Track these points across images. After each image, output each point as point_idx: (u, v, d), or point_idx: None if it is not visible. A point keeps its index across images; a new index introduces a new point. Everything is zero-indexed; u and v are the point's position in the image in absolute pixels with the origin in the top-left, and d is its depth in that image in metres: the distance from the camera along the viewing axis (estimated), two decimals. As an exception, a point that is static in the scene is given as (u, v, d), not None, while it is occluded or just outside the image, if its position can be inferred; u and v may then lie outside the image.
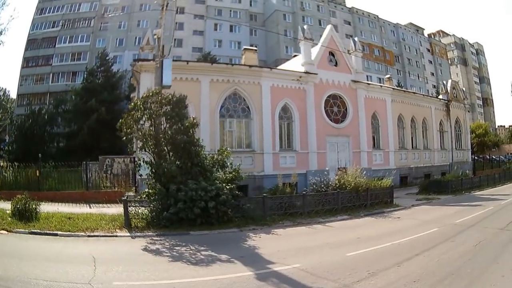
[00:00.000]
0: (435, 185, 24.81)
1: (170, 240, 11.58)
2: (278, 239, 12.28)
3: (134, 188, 21.34)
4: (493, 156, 53.60)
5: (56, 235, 12.01)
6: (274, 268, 8.56)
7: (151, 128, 14.49)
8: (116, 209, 15.15)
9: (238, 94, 23.88)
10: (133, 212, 13.78)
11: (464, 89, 42.37)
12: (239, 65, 26.93)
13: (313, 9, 65.97)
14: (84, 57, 55.14)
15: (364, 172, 19.46)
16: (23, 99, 54.77)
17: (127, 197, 14.49)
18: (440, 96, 37.34)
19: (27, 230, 12.37)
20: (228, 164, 16.18)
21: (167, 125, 14.54)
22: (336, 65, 27.32)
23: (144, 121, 14.56)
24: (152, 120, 14.50)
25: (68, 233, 12.19)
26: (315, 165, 24.79)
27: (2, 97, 62.13)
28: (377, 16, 73.93)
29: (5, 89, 63.79)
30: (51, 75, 55.02)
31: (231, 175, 15.61)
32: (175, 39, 59.37)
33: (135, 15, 57.35)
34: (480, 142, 45.95)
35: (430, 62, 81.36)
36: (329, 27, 28.13)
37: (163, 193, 13.64)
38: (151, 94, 14.90)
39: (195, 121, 15.16)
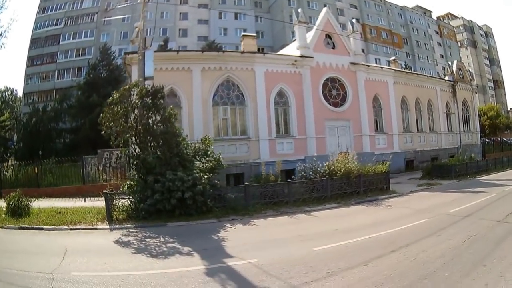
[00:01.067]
0: (438, 170, 23.82)
1: (144, 232, 11.52)
2: (251, 230, 11.78)
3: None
4: (504, 139, 52.14)
5: (41, 229, 12.32)
6: (229, 262, 8.16)
7: (130, 120, 14.29)
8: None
9: (231, 81, 23.45)
10: (119, 204, 13.72)
11: (471, 70, 40.99)
12: (231, 52, 26.49)
13: (318, -7, 64.51)
14: (89, 52, 55.06)
15: (356, 157, 18.69)
16: (29, 97, 55.05)
17: (111, 190, 14.29)
18: (446, 78, 36.05)
19: (16, 226, 12.75)
20: (209, 153, 16.01)
21: (145, 117, 14.40)
22: (333, 47, 26.47)
23: (123, 114, 14.30)
24: (130, 112, 14.34)
25: (52, 227, 12.48)
26: (314, 150, 24.07)
27: (10, 97, 62.59)
28: (384, -1, 72.30)
29: (13, 88, 64.18)
30: (56, 72, 55.19)
31: (211, 164, 15.23)
32: (179, 29, 59.38)
33: (139, 8, 56.67)
34: (491, 125, 44.55)
35: (439, 44, 79.51)
36: (324, 9, 27.23)
37: (142, 184, 13.50)
38: (128, 86, 14.82)
39: (173, 111, 14.90)
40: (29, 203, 14.78)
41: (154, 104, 14.47)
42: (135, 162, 14.32)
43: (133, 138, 14.36)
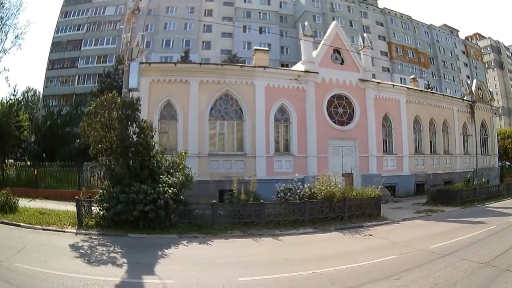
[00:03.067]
0: (443, 195, 22.13)
1: (102, 240, 11.93)
2: (202, 250, 11.40)
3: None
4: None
5: (19, 226, 13.48)
6: (145, 280, 8.18)
7: (105, 132, 14.52)
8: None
9: (230, 95, 22.78)
10: (94, 211, 14.36)
11: (497, 91, 38.75)
12: (230, 65, 25.92)
13: (343, 10, 63.73)
14: (110, 60, 55.02)
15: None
16: (48, 100, 55.86)
17: (89, 197, 15.05)
18: (465, 98, 34.13)
19: (-1, 220, 13.94)
20: (180, 168, 15.70)
21: (119, 128, 14.55)
22: (342, 63, 25.29)
23: (98, 125, 14.53)
24: (105, 123, 14.52)
25: (28, 225, 13.54)
26: (315, 170, 22.78)
27: (32, 98, 63.78)
28: (410, 17, 70.66)
29: (36, 89, 65.36)
30: (76, 77, 55.94)
31: (180, 179, 14.81)
32: (203, 42, 59.44)
33: (162, 18, 57.15)
34: (515, 148, 42.27)
35: (466, 64, 76.71)
36: (333, 23, 26.11)
37: (110, 194, 13.62)
38: (105, 97, 14.83)
39: (146, 123, 15.14)
40: (16, 201, 16.09)
41: (127, 116, 14.63)
42: (107, 172, 14.76)
43: (107, 149, 14.53)
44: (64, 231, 13.06)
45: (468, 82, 36.28)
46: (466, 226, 15.11)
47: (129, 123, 14.77)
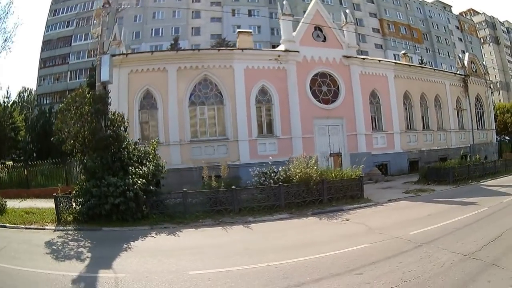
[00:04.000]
0: (434, 173, 21.03)
1: (77, 235, 11.95)
2: (168, 241, 11.12)
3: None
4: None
5: (5, 226, 13.48)
6: (100, 274, 8.10)
7: (77, 126, 14.42)
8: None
9: (209, 80, 22.26)
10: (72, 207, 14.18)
11: (485, 63, 37.59)
12: (207, 49, 25.45)
13: (333, -11, 62.17)
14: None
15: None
16: (42, 98, 55.67)
17: (61, 194, 14.62)
18: (458, 72, 33.04)
19: (-12, 223, 14.03)
20: (150, 157, 15.46)
21: (90, 122, 14.42)
22: (324, 40, 24.48)
23: (71, 120, 14.53)
24: (76, 118, 14.48)
25: (13, 225, 13.60)
26: (301, 151, 21.93)
27: (29, 98, 63.68)
28: (401, -7, 69.09)
29: (31, 89, 65.17)
30: (68, 73, 55.68)
31: (150, 169, 14.59)
32: (192, 28, 58.79)
33: (150, 8, 56.51)
34: (515, 122, 41.16)
35: (460, 39, 75.24)
36: (314, 1, 25.24)
37: (84, 188, 13.57)
38: (76, 93, 14.96)
39: (114, 116, 15.04)
40: (4, 203, 16.04)
41: (97, 110, 14.48)
42: (81, 167, 14.72)
43: (81, 144, 14.43)
44: (44, 229, 13.05)
45: (460, 55, 35.14)
46: (455, 208, 14.08)
47: (99, 116, 14.59)
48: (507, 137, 44.81)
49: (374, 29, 62.91)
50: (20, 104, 57.16)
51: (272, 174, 15.82)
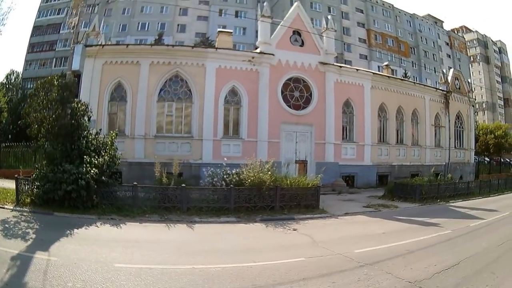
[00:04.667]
0: (401, 189, 20.47)
1: (30, 217, 12.23)
2: (108, 233, 11.13)
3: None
4: (507, 159, 48.13)
5: None
6: (36, 255, 8.33)
7: (43, 112, 14.71)
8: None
9: (180, 77, 22.15)
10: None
11: (470, 81, 37.18)
12: (181, 46, 25.50)
13: (322, -5, 62.11)
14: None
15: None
16: (27, 83, 55.17)
17: (22, 176, 14.77)
18: (440, 87, 32.79)
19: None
20: (107, 148, 15.40)
21: (54, 110, 14.71)
22: (302, 45, 24.24)
23: (37, 106, 14.90)
24: (42, 105, 14.80)
25: None
26: (265, 155, 21.63)
27: (16, 80, 63.29)
28: (392, 5, 69.14)
29: (18, 72, 64.62)
30: (54, 59, 55.37)
31: (105, 159, 14.65)
32: (178, 25, 58.92)
33: (139, 1, 56.35)
34: (497, 144, 40.74)
35: (449, 56, 75.11)
36: (295, 4, 24.91)
37: (42, 173, 13.83)
38: (44, 80, 15.25)
39: (77, 105, 15.07)
40: None
41: (62, 97, 14.63)
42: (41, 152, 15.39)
43: (44, 129, 14.66)
44: (3, 208, 13.36)
45: (444, 71, 34.85)
46: (414, 228, 13.37)
47: (64, 104, 14.67)
48: (487, 158, 44.69)
49: (360, 39, 62.87)
50: (7, 86, 56.74)
51: (225, 176, 15.57)
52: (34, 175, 14.12)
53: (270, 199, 15.15)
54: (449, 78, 32.68)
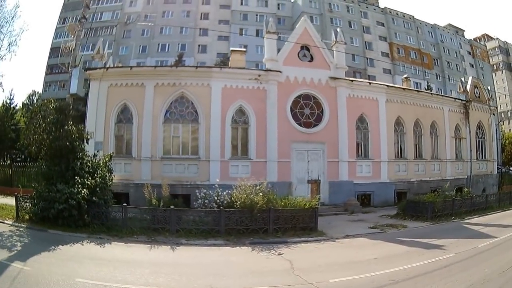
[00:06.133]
0: (412, 207, 19.31)
1: (25, 232, 13.30)
2: (89, 250, 11.66)
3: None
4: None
5: None
6: (13, 264, 9.36)
7: (42, 134, 15.31)
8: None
9: (185, 98, 21.82)
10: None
11: (489, 88, 35.25)
12: (185, 67, 25.41)
13: (342, 10, 61.49)
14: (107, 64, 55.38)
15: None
16: (47, 104, 56.09)
17: (22, 194, 16.06)
18: (459, 97, 31.37)
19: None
20: (99, 171, 15.90)
21: (50, 132, 15.32)
22: (311, 60, 23.48)
23: (34, 129, 15.54)
24: (40, 127, 15.46)
25: None
26: (275, 176, 21.30)
27: (37, 100, 64.58)
28: (413, 16, 67.83)
29: (39, 93, 65.85)
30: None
31: (96, 180, 15.22)
32: (199, 45, 58.79)
33: (158, 22, 56.80)
34: (523, 154, 39.00)
35: (472, 65, 72.75)
36: (302, 19, 24.29)
37: (38, 192, 14.54)
38: (41, 104, 16.88)
39: (71, 128, 15.57)
40: None
41: (57, 120, 15.29)
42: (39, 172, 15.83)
43: (41, 150, 15.36)
44: (3, 223, 14.54)
45: (463, 79, 33.43)
46: (412, 252, 12.31)
47: (58, 127, 15.24)
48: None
49: (383, 53, 61.77)
50: (28, 106, 58.04)
51: (216, 198, 15.05)
52: (33, 194, 14.98)
53: (263, 221, 14.55)
54: (468, 87, 31.24)
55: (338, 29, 25.81)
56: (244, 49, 29.32)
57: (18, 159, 44.97)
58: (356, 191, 23.29)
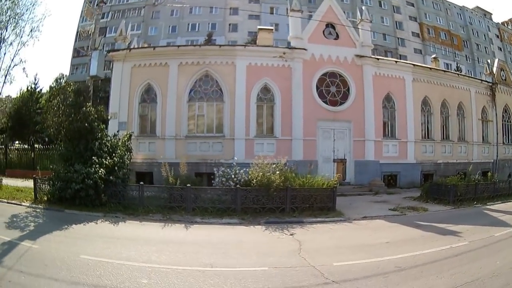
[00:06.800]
0: (436, 190, 18.74)
1: (41, 213, 13.59)
2: (102, 229, 11.75)
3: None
4: None
5: None
6: (23, 242, 9.52)
7: (61, 117, 15.57)
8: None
9: (210, 76, 21.90)
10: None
11: None
12: (209, 45, 25.54)
13: (372, -10, 60.13)
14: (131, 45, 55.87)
15: (289, 166, 16.16)
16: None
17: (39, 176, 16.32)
18: (485, 79, 30.43)
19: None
20: (117, 150, 16.13)
21: (68, 114, 15.53)
22: (336, 38, 23.18)
23: (54, 110, 15.76)
24: (58, 110, 15.72)
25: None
26: (301, 154, 21.29)
27: (64, 83, 65.68)
28: (442, -3, 66.08)
29: (67, 75, 66.91)
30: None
31: (114, 160, 15.29)
32: (229, 24, 58.52)
33: (187, 2, 56.68)
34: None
35: (500, 49, 70.37)
36: (327, -5, 24.00)
37: (56, 172, 14.88)
38: (61, 86, 17.53)
39: (90, 109, 15.84)
40: (0, 180, 18.76)
41: (75, 102, 15.57)
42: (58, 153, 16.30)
43: (59, 133, 15.76)
44: (21, 204, 14.70)
45: (489, 61, 32.42)
46: (427, 237, 11.67)
47: (77, 109, 15.45)
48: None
49: (413, 33, 60.49)
50: (54, 90, 58.94)
51: (233, 176, 15.06)
52: (52, 175, 15.26)
53: (280, 200, 14.36)
54: (495, 69, 30.34)
55: (364, 7, 25.33)
56: (272, 28, 29.12)
57: (42, 142, 46.11)
58: (382, 171, 23.09)
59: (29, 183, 18.36)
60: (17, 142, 45.49)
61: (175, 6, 57.11)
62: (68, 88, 15.92)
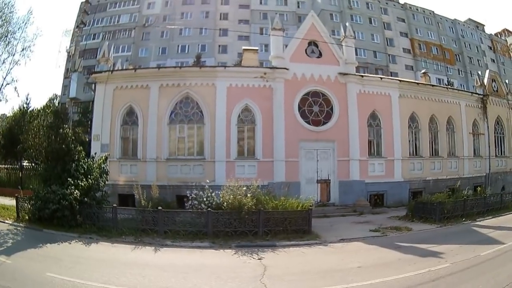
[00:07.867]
0: (421, 208, 18.27)
1: (21, 231, 14.06)
2: (73, 249, 12.02)
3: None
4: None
5: None
6: None
7: (41, 137, 16.15)
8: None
9: (190, 98, 21.69)
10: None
11: (506, 83, 33.22)
12: (189, 67, 25.20)
13: (362, 7, 59.97)
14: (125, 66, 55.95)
15: (270, 187, 16.54)
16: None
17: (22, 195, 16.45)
18: (476, 91, 30.12)
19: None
20: (93, 171, 16.14)
21: (47, 135, 16.11)
22: (319, 56, 22.88)
23: (33, 132, 16.45)
24: (38, 131, 16.37)
25: None
26: (282, 176, 20.86)
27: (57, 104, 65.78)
28: (433, 11, 65.81)
29: (58, 95, 66.99)
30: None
31: (89, 182, 15.46)
32: (219, 46, 58.58)
33: (177, 24, 56.89)
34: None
35: (493, 60, 69.68)
36: (310, 14, 23.79)
37: (35, 193, 15.28)
38: (42, 107, 18.29)
39: (67, 131, 16.06)
40: None
41: (52, 124, 16.16)
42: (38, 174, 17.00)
43: (42, 153, 16.07)
44: (4, 222, 15.26)
45: (480, 73, 32.11)
46: (403, 260, 11.06)
47: (53, 130, 15.95)
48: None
49: (405, 49, 60.20)
50: (43, 110, 58.94)
51: (205, 199, 14.77)
52: (32, 195, 15.50)
53: (253, 223, 14.06)
54: (486, 80, 30.03)
55: (348, 23, 25.14)
56: (256, 48, 28.83)
57: (31, 161, 46.09)
58: (368, 191, 22.62)
59: (15, 202, 19.04)
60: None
61: (165, 27, 57.30)
62: (47, 110, 16.28)
